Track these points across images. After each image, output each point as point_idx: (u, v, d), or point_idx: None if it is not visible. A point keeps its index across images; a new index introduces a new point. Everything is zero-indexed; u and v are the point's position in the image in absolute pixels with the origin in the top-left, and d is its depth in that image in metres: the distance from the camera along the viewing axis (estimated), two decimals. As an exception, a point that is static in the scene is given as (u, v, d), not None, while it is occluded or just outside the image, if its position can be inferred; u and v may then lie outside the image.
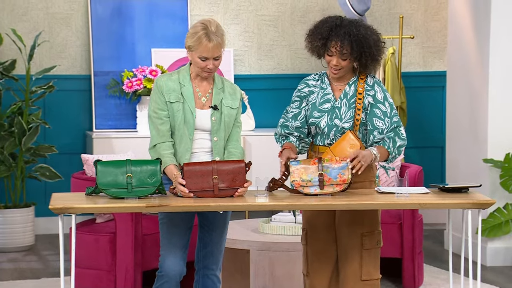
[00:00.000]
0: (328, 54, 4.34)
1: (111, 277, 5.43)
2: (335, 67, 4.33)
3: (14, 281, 6.05)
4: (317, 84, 4.45)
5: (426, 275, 6.16)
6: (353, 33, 4.29)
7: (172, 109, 4.32)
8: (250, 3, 7.81)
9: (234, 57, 7.77)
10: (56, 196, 4.23)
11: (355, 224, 4.34)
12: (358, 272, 4.33)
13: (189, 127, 4.32)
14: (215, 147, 4.34)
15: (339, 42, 4.29)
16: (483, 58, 6.56)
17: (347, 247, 4.35)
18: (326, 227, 4.39)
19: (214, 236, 4.41)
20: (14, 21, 7.46)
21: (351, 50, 4.28)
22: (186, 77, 4.37)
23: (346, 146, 4.31)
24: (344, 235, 4.36)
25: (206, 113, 4.35)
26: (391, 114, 4.36)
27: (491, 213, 6.46)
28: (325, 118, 4.37)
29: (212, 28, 4.27)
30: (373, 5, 7.83)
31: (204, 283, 4.45)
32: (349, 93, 4.38)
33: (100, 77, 7.46)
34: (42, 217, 7.45)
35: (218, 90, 4.39)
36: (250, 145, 7.26)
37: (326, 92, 4.41)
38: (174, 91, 4.33)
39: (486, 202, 4.17)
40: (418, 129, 8.00)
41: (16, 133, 6.93)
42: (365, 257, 4.34)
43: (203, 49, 4.26)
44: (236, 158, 4.33)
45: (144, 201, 4.11)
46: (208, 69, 4.30)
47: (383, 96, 4.37)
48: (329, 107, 4.39)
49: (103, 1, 7.51)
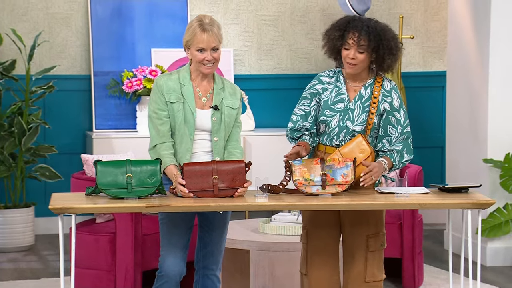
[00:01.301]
0: (345, 47, 4.27)
1: (111, 277, 5.43)
2: (351, 60, 4.26)
3: (14, 281, 6.06)
4: (331, 81, 4.38)
5: (426, 275, 6.16)
6: (371, 26, 4.27)
7: (173, 109, 4.32)
8: (250, 3, 7.81)
9: (234, 57, 7.77)
10: (56, 196, 4.23)
11: (361, 225, 4.32)
12: (362, 274, 4.32)
13: (190, 127, 4.31)
14: (215, 147, 4.34)
15: (356, 33, 4.24)
16: (483, 58, 6.57)
17: (353, 248, 4.33)
18: (328, 225, 4.37)
19: (214, 236, 4.41)
20: (14, 21, 7.46)
21: (368, 42, 4.23)
22: (186, 77, 4.37)
23: (356, 150, 4.26)
24: (349, 236, 4.34)
25: (207, 113, 4.35)
26: (404, 123, 4.34)
27: (491, 213, 6.47)
28: (337, 118, 4.31)
29: (206, 20, 4.30)
30: (373, 5, 7.83)
31: (204, 283, 4.45)
32: (364, 95, 4.33)
33: (100, 77, 7.46)
34: (42, 217, 7.46)
35: (219, 90, 4.39)
36: (250, 145, 7.27)
37: (340, 92, 4.34)
38: (175, 91, 4.33)
39: (486, 202, 4.17)
40: (418, 129, 8.00)
41: (16, 133, 6.93)
42: (369, 258, 4.32)
43: (199, 39, 4.26)
44: (236, 158, 4.33)
45: (144, 201, 4.11)
46: (207, 61, 4.28)
47: (399, 104, 4.34)
48: (342, 107, 4.32)
49: (103, 1, 7.51)
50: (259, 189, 4.21)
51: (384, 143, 4.33)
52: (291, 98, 7.72)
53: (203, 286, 4.45)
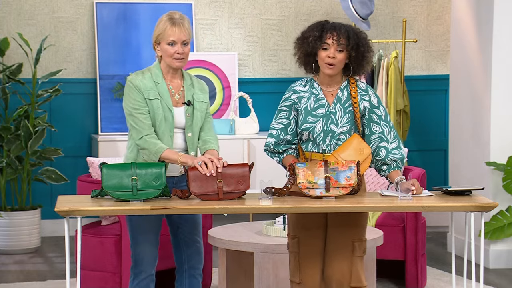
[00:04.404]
0: (324, 47, 4.25)
1: (117, 279, 5.45)
2: (331, 60, 4.23)
3: (20, 283, 6.08)
4: (305, 90, 4.36)
5: (429, 277, 6.18)
6: (347, 26, 4.31)
7: (152, 106, 4.31)
8: (254, 7, 7.84)
9: (239, 60, 7.80)
10: (62, 199, 4.25)
11: (348, 228, 4.29)
12: (347, 277, 4.27)
13: (169, 125, 4.34)
14: (190, 143, 4.37)
15: (335, 32, 4.24)
16: (486, 62, 6.59)
17: (337, 251, 4.28)
18: (317, 227, 4.31)
19: (189, 228, 4.43)
20: (20, 26, 7.50)
21: (347, 41, 4.24)
22: (158, 75, 4.36)
23: (356, 149, 4.26)
24: (335, 239, 4.30)
25: (181, 110, 4.37)
26: (386, 118, 4.36)
27: (494, 215, 6.48)
28: (320, 124, 4.30)
29: (176, 15, 4.34)
30: (376, 9, 7.86)
31: (191, 283, 4.47)
32: (342, 97, 4.33)
33: (105, 81, 7.50)
34: (48, 220, 7.49)
35: (189, 86, 4.41)
36: (254, 148, 7.30)
37: (318, 98, 4.33)
38: (151, 89, 4.33)
39: (488, 205, 4.17)
40: (421, 132, 8.03)
41: (22, 136, 6.97)
42: (355, 263, 4.28)
43: (169, 33, 4.28)
44: (212, 145, 4.36)
45: (149, 203, 4.13)
46: (178, 54, 4.29)
47: (377, 100, 4.36)
48: (324, 112, 4.31)
49: (109, 6, 7.56)
50: (263, 191, 4.23)
51: (373, 139, 4.32)
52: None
53: (190, 286, 4.47)
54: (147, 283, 4.37)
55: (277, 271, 5.13)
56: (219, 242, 5.21)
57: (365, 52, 4.28)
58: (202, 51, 7.71)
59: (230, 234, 5.29)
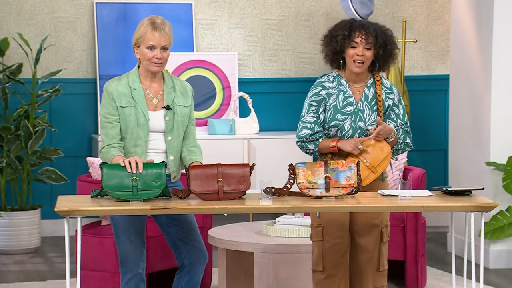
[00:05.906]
0: (352, 46, 4.37)
1: (117, 279, 5.45)
2: (360, 58, 4.37)
3: (20, 283, 6.08)
4: (334, 86, 4.48)
5: (429, 277, 6.18)
6: (374, 24, 4.42)
7: (124, 114, 4.34)
8: (254, 7, 7.85)
9: (239, 60, 7.81)
10: (62, 199, 4.26)
11: (375, 218, 4.46)
12: (376, 264, 4.47)
13: (144, 130, 4.35)
14: (169, 147, 4.39)
15: (363, 31, 4.37)
16: (486, 62, 6.59)
17: (368, 240, 4.45)
18: (341, 220, 4.48)
19: (181, 227, 4.45)
20: (20, 26, 7.50)
21: (376, 39, 4.37)
22: (135, 80, 4.38)
23: (376, 147, 4.40)
24: (365, 228, 4.47)
25: (159, 114, 4.38)
26: (404, 117, 4.51)
27: (494, 215, 6.48)
28: (349, 121, 4.44)
29: (158, 20, 4.35)
30: (376, 9, 7.86)
31: (190, 279, 4.45)
32: (369, 95, 4.46)
33: (105, 81, 7.49)
34: (48, 220, 7.49)
35: (169, 90, 4.41)
36: (254, 148, 7.30)
37: (347, 95, 4.46)
38: (125, 95, 4.35)
39: (488, 205, 4.19)
40: (421, 132, 8.03)
41: (22, 136, 6.97)
42: (382, 249, 4.49)
43: (149, 37, 4.29)
44: (197, 155, 4.39)
45: (149, 203, 4.14)
46: (156, 59, 4.31)
47: (399, 99, 4.50)
48: (352, 110, 4.45)
49: (109, 6, 7.56)
50: (263, 191, 4.24)
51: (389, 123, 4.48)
52: (295, 102, 7.76)
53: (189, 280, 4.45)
54: (136, 282, 4.37)
55: (277, 271, 5.14)
56: (219, 242, 5.21)
57: (392, 50, 4.43)
58: (202, 51, 7.71)
59: (230, 234, 5.29)
